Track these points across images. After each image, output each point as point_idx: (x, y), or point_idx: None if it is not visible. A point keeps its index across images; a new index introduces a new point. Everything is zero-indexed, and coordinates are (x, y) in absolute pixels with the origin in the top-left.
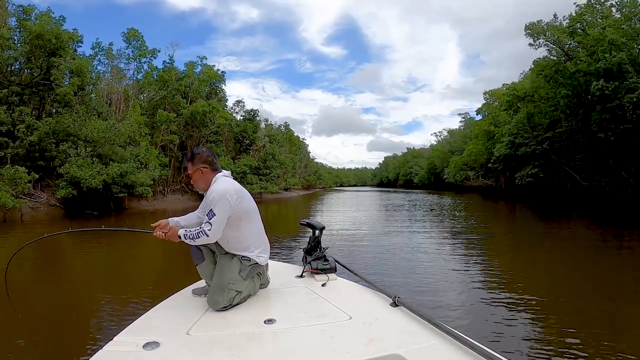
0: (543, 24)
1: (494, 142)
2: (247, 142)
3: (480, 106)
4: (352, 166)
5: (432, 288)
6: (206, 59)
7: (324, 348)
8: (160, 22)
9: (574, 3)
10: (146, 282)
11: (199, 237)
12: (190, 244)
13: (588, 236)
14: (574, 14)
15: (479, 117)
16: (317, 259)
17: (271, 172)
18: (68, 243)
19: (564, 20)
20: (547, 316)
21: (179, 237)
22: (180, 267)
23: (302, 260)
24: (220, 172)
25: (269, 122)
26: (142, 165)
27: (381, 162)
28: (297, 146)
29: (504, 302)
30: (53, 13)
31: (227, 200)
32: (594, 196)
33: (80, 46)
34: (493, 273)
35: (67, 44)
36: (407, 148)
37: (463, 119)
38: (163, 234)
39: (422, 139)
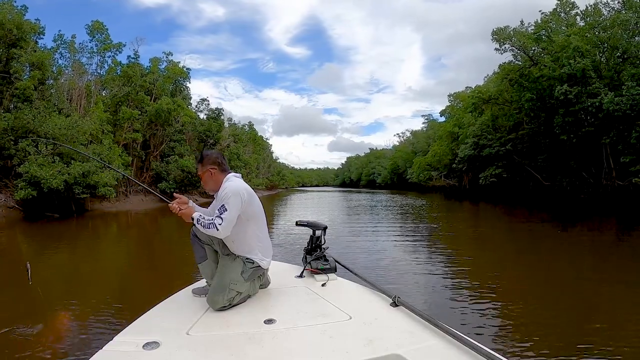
0: (510, 30)
1: (458, 143)
2: (211, 141)
3: (443, 108)
4: (314, 166)
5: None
6: (172, 54)
7: (324, 348)
8: (124, 18)
9: (540, 11)
10: (143, 282)
11: (210, 228)
12: (200, 229)
13: (556, 232)
14: (539, 21)
15: (442, 119)
16: (317, 259)
17: (236, 172)
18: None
19: (528, 26)
20: (510, 300)
21: (193, 218)
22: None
23: (302, 260)
24: (230, 173)
25: (232, 122)
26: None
27: (343, 162)
28: (261, 146)
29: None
30: (15, 2)
31: (239, 198)
32: (556, 195)
33: (42, 38)
34: (463, 265)
35: (28, 35)
36: (370, 148)
37: (426, 120)
38: (179, 208)
39: (384, 140)
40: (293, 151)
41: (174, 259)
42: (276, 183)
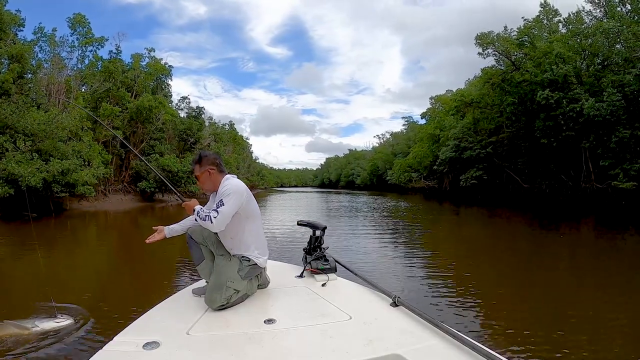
0: (493, 35)
1: (439, 145)
2: (192, 140)
3: (421, 110)
4: (292, 167)
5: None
6: (154, 51)
7: (324, 348)
8: (105, 14)
9: (522, 17)
10: (132, 283)
11: (205, 221)
12: (198, 221)
13: (534, 232)
14: (522, 27)
15: (422, 121)
16: (317, 259)
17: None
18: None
19: (511, 32)
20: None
21: (194, 210)
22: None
23: (302, 260)
24: (227, 174)
25: (213, 121)
26: (85, 163)
27: (322, 163)
28: (241, 146)
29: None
30: None
31: (239, 196)
32: (535, 198)
33: (22, 30)
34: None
35: (8, 26)
36: (349, 149)
37: (406, 122)
38: (188, 200)
39: (363, 141)
40: (271, 151)
41: (159, 260)
42: (256, 183)
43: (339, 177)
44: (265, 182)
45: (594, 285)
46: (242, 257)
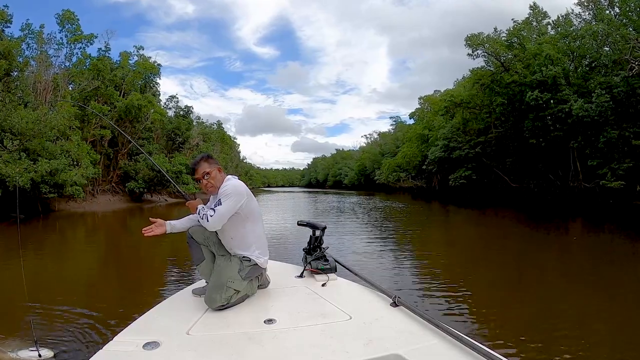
0: (483, 36)
1: (428, 145)
2: (180, 139)
3: (411, 110)
4: (278, 166)
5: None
6: (143, 49)
7: (324, 348)
8: (92, 11)
9: (512, 19)
10: (127, 284)
11: (202, 219)
12: (198, 219)
13: (522, 231)
14: (511, 29)
15: (410, 121)
16: (317, 259)
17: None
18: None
19: (500, 33)
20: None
21: (196, 208)
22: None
23: (302, 260)
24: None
25: (201, 120)
26: (74, 163)
27: (309, 162)
28: (229, 145)
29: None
30: None
31: (239, 197)
32: (523, 197)
33: (9, 27)
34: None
35: None
36: (336, 149)
37: (394, 122)
38: (192, 199)
39: (350, 141)
40: (257, 151)
41: (150, 262)
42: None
43: (327, 177)
44: (253, 182)
45: (590, 286)
46: (243, 257)
